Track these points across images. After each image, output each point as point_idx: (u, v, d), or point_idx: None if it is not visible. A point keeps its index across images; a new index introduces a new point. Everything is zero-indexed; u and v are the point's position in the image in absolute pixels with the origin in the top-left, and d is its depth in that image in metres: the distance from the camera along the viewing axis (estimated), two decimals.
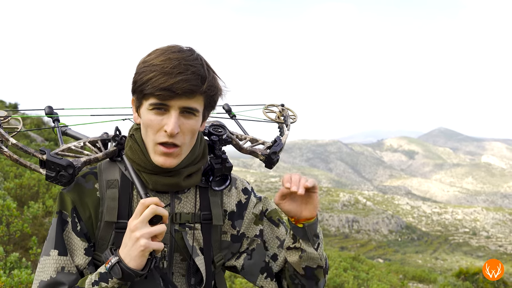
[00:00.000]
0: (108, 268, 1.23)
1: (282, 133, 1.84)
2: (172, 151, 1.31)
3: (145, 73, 1.26)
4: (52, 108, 1.65)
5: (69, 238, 1.37)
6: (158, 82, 1.23)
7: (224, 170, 1.47)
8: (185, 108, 1.28)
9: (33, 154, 1.34)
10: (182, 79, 1.23)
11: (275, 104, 2.01)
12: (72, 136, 1.70)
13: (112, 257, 1.24)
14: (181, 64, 1.25)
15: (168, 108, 1.27)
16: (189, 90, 1.25)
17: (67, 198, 1.39)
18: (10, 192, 6.85)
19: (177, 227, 1.43)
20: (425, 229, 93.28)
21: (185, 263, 1.45)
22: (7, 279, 3.42)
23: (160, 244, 1.24)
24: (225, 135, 1.55)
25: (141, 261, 1.22)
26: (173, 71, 1.24)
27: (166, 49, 1.30)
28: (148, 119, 1.30)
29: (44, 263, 1.34)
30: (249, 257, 1.54)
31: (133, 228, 1.23)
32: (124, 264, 1.22)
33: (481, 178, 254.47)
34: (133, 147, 1.40)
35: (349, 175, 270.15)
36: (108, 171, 1.45)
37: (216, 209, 1.49)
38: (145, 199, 1.25)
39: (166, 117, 1.28)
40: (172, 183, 1.38)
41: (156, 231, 1.22)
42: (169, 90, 1.23)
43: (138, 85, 1.28)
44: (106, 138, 1.54)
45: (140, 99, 1.31)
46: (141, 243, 1.20)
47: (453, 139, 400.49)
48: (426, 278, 19.64)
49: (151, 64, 1.27)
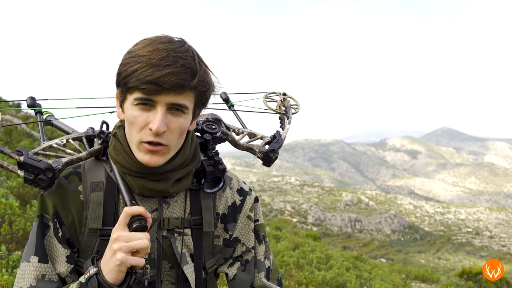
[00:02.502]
0: (86, 279, 1.15)
1: (282, 126, 1.74)
2: (158, 149, 1.19)
3: (130, 64, 1.14)
4: (34, 99, 1.54)
5: (51, 244, 1.27)
6: (143, 75, 1.11)
7: (217, 172, 1.35)
8: (173, 105, 1.16)
9: (10, 155, 1.23)
10: (170, 72, 1.11)
11: (277, 92, 1.90)
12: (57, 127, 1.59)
13: (92, 267, 1.16)
14: (170, 55, 1.13)
15: (154, 104, 1.15)
16: (177, 85, 1.13)
17: (49, 201, 1.28)
18: (13, 191, 6.86)
19: (165, 233, 1.33)
20: (428, 228, 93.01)
21: (174, 271, 1.36)
22: (9, 278, 3.43)
23: (140, 260, 1.13)
24: (219, 132, 1.44)
25: (118, 275, 1.12)
26: (160, 63, 1.11)
27: (154, 39, 1.17)
28: (131, 115, 1.18)
29: (24, 269, 1.26)
30: (242, 268, 1.46)
31: (114, 238, 1.13)
32: (101, 276, 1.13)
33: (484, 178, 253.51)
34: (116, 147, 1.28)
35: (351, 174, 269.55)
36: (93, 172, 1.33)
37: (207, 214, 1.38)
38: (129, 207, 1.16)
39: (152, 114, 1.16)
40: (159, 189, 1.27)
41: (136, 246, 1.12)
42: (156, 84, 1.11)
43: (122, 77, 1.16)
44: (91, 134, 1.42)
45: (124, 92, 1.18)
46: (117, 257, 1.11)
47: (456, 138, 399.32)
48: (429, 278, 19.58)
49: (137, 54, 1.14)
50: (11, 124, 8.99)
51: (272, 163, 1.56)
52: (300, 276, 9.31)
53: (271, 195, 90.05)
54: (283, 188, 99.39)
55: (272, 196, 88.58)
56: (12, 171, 1.25)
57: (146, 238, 1.14)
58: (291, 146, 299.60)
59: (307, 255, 11.97)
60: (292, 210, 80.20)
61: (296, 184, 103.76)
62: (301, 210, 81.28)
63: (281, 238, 14.99)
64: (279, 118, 1.78)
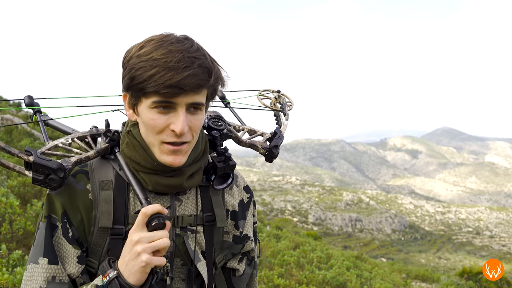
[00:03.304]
0: (106, 282, 1.13)
1: (279, 122, 1.74)
2: (180, 148, 1.19)
3: (144, 68, 1.11)
4: (32, 98, 1.51)
5: (60, 245, 1.25)
6: (163, 79, 1.09)
7: (227, 168, 1.36)
8: (191, 104, 1.16)
9: (18, 155, 1.20)
10: (189, 74, 1.10)
11: (270, 90, 1.90)
12: (55, 128, 1.56)
13: (111, 270, 1.14)
14: (185, 57, 1.12)
15: (174, 106, 1.14)
16: (197, 85, 1.13)
17: (57, 201, 1.26)
18: (13, 190, 6.86)
19: (178, 231, 1.33)
20: (428, 228, 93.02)
21: (185, 268, 1.36)
22: (9, 277, 3.43)
23: (162, 259, 1.14)
24: (225, 129, 1.45)
25: (141, 277, 1.12)
26: (178, 65, 1.10)
27: (161, 40, 1.15)
28: (150, 118, 1.16)
29: (32, 271, 1.22)
30: (249, 262, 1.51)
31: (135, 241, 1.12)
32: (122, 279, 1.12)
33: (485, 178, 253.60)
34: (131, 144, 1.27)
35: (352, 174, 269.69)
36: (101, 171, 1.31)
37: (219, 210, 1.39)
38: (146, 207, 1.14)
39: (172, 116, 1.15)
40: (174, 184, 1.27)
41: (160, 245, 1.12)
42: (176, 87, 1.10)
43: (138, 82, 1.13)
44: (96, 133, 1.40)
45: (139, 96, 1.16)
46: (142, 258, 1.11)
47: (456, 138, 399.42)
48: (429, 277, 19.59)
49: (150, 58, 1.11)
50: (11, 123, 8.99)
51: (275, 158, 1.56)
52: (300, 275, 9.32)
53: (271, 194, 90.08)
54: (284, 188, 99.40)
55: (272, 195, 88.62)
56: (20, 171, 1.21)
57: (166, 236, 1.14)
58: (292, 145, 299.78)
59: (307, 255, 11.96)
60: (292, 210, 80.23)
61: (296, 183, 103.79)
62: (301, 209, 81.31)
63: (282, 237, 14.99)
64: (274, 115, 1.79)
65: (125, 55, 1.20)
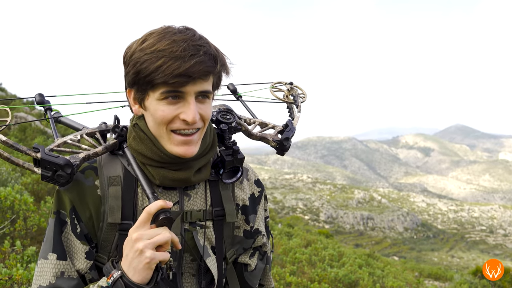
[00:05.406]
0: (111, 283, 1.11)
1: (292, 115, 1.71)
2: (191, 138, 1.18)
3: (150, 61, 1.10)
4: (43, 96, 1.53)
5: (69, 240, 1.25)
6: (171, 69, 1.08)
7: (236, 162, 1.34)
8: (200, 93, 1.15)
9: (26, 152, 1.20)
10: (197, 61, 1.10)
11: (283, 82, 1.88)
12: (66, 125, 1.57)
13: (114, 271, 1.12)
14: (190, 45, 1.11)
15: (183, 95, 1.14)
16: (205, 72, 1.12)
17: (65, 197, 1.26)
18: (27, 187, 6.92)
19: (187, 226, 1.31)
20: (441, 226, 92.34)
21: (195, 263, 1.34)
22: (24, 272, 3.46)
23: (166, 254, 1.12)
24: (234, 122, 1.42)
25: (147, 274, 1.10)
26: (184, 54, 1.09)
27: (162, 32, 1.15)
28: (160, 110, 1.15)
29: (42, 266, 1.23)
30: (261, 257, 1.50)
31: (135, 238, 1.10)
32: (127, 278, 1.10)
33: (499, 176, 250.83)
34: (139, 136, 1.25)
35: (364, 172, 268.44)
36: (109, 166, 1.30)
37: (229, 204, 1.37)
38: (149, 205, 1.12)
39: (182, 105, 1.15)
40: (181, 178, 1.25)
41: (161, 240, 1.10)
42: (185, 76, 1.09)
43: (144, 75, 1.12)
44: (105, 129, 1.39)
45: (146, 90, 1.15)
46: (146, 254, 1.09)
47: (470, 136, 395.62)
48: (442, 276, 19.44)
49: (155, 50, 1.10)
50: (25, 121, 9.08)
51: (286, 151, 1.54)
52: (312, 273, 9.29)
53: (283, 192, 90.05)
54: (295, 186, 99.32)
55: (284, 193, 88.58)
56: (29, 168, 1.23)
57: (166, 231, 1.13)
58: (303, 143, 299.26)
59: (319, 252, 11.94)
60: (304, 208, 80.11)
61: (308, 181, 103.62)
62: (313, 207, 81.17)
63: (293, 235, 14.98)
64: (287, 107, 1.76)
65: (125, 51, 1.19)
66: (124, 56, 1.19)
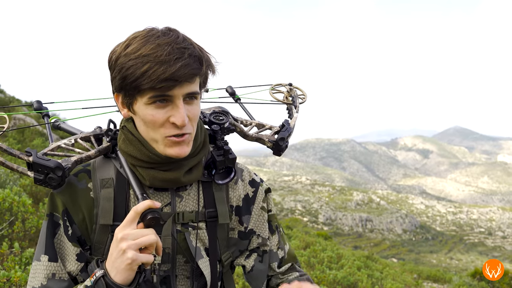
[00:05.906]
0: (93, 282, 1.11)
1: (291, 116, 1.70)
2: (184, 138, 1.18)
3: (135, 66, 1.09)
4: (41, 103, 1.55)
5: (61, 242, 1.26)
6: (157, 74, 1.08)
7: (227, 162, 1.33)
8: (187, 95, 1.15)
9: (19, 156, 1.22)
10: (182, 64, 1.09)
11: (283, 83, 1.87)
12: (65, 131, 1.60)
13: (97, 270, 1.13)
14: (174, 48, 1.10)
15: (171, 99, 1.14)
16: (191, 75, 1.12)
17: (58, 199, 1.27)
18: (26, 189, 6.91)
19: (179, 228, 1.31)
20: (439, 228, 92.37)
21: (188, 265, 1.34)
22: (22, 274, 3.45)
23: (150, 256, 1.11)
24: (227, 123, 1.42)
25: (128, 275, 1.09)
26: (169, 58, 1.09)
27: (146, 35, 1.14)
28: (149, 114, 1.15)
29: (35, 268, 1.25)
30: (260, 259, 1.45)
31: (120, 238, 1.10)
32: (109, 278, 1.10)
33: (497, 178, 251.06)
34: (127, 138, 1.26)
35: (362, 174, 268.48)
36: (102, 169, 1.32)
37: (222, 206, 1.36)
38: (137, 205, 1.12)
39: (170, 109, 1.15)
40: (171, 179, 1.24)
41: (145, 242, 1.10)
42: (172, 80, 1.09)
43: (130, 80, 1.11)
44: (99, 132, 1.42)
45: (134, 95, 1.15)
46: (128, 255, 1.08)
47: (468, 138, 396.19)
48: (441, 278, 19.43)
49: (139, 55, 1.10)
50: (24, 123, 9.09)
51: (283, 152, 1.54)
52: (311, 275, 9.28)
53: (281, 194, 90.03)
54: (294, 188, 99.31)
55: (282, 195, 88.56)
56: (22, 172, 1.25)
57: (153, 233, 1.12)
58: (302, 145, 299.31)
59: (318, 254, 11.93)
60: (303, 210, 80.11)
61: (307, 183, 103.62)
62: (312, 209, 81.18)
63: (292, 237, 14.97)
64: (287, 109, 1.76)
65: (110, 55, 1.18)
66: (109, 60, 1.18)
